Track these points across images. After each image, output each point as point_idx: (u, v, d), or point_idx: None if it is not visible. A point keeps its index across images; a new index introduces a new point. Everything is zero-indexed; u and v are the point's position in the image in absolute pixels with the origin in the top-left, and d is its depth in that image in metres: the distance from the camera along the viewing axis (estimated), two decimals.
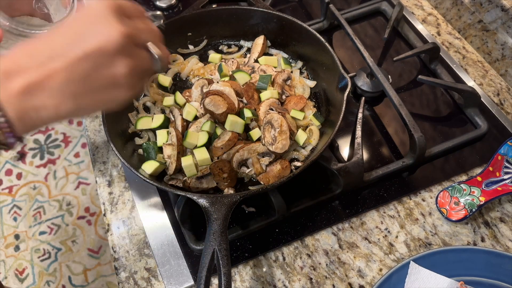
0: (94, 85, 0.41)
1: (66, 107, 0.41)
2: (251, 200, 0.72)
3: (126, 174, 0.77)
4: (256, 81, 0.77)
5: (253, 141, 0.71)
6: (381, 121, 0.82)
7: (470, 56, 0.91)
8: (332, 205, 0.72)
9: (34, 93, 0.39)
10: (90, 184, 2.00)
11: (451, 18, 0.96)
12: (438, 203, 0.71)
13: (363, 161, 0.69)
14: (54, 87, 0.40)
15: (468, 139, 0.77)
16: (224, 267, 0.54)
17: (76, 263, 1.80)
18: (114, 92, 0.43)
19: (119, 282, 0.68)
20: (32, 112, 0.39)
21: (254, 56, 0.82)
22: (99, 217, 1.91)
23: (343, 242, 0.69)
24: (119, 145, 0.68)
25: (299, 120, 0.73)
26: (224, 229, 0.57)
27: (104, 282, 1.76)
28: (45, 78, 0.39)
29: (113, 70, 0.41)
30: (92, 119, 0.86)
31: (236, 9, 0.82)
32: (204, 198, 0.59)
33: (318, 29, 0.93)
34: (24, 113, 0.39)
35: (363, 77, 0.83)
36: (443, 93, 0.85)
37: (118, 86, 0.43)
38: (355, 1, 1.02)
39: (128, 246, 0.71)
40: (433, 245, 0.68)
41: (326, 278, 0.66)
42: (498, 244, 0.68)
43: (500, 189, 0.69)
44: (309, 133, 0.72)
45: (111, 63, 0.41)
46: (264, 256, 0.69)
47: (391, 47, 0.93)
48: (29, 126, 0.40)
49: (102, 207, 0.75)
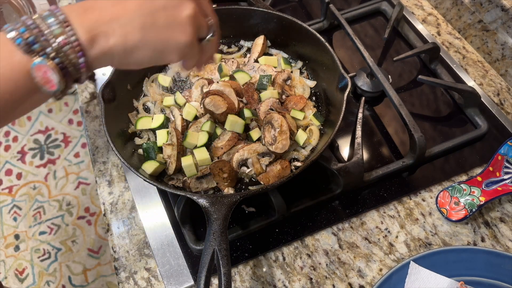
0: (161, 20, 0.45)
1: (133, 37, 0.44)
2: (251, 200, 0.72)
3: (126, 174, 0.77)
4: (256, 81, 0.77)
5: (253, 141, 0.71)
6: (381, 121, 0.82)
7: (470, 56, 0.91)
8: (332, 205, 0.72)
9: (106, 22, 0.43)
10: (90, 184, 2.00)
11: (451, 18, 0.96)
12: (438, 203, 0.71)
13: (363, 161, 0.69)
14: (125, 19, 0.44)
15: (468, 139, 0.77)
16: (224, 267, 0.54)
17: (76, 263, 1.80)
18: (175, 33, 0.47)
19: (119, 282, 0.68)
20: (101, 37, 0.43)
21: (254, 56, 0.82)
22: (99, 217, 1.91)
23: (343, 242, 0.69)
24: (119, 145, 0.68)
25: (299, 120, 0.73)
26: (224, 229, 0.57)
27: (104, 282, 1.76)
28: (118, 11, 0.44)
29: (179, 11, 0.46)
30: (92, 119, 0.86)
31: (236, 9, 0.82)
32: (204, 198, 0.59)
33: (318, 29, 0.93)
34: (94, 35, 0.42)
35: (363, 77, 0.83)
36: (443, 93, 0.85)
37: (181, 27, 0.47)
38: (355, 1, 1.02)
39: (128, 246, 0.71)
40: (433, 245, 0.68)
41: (326, 278, 0.66)
42: (498, 244, 0.68)
43: (500, 189, 0.69)
44: (309, 133, 0.72)
45: (180, 4, 0.46)
46: (264, 256, 0.69)
47: (391, 47, 0.93)
48: (98, 50, 0.43)
49: (102, 207, 0.75)
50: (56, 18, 0.41)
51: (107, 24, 0.43)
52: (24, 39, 0.40)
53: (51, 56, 0.41)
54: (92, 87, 0.91)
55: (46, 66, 0.41)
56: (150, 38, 0.45)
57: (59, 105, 2.25)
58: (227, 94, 0.71)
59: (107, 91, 0.70)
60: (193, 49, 0.50)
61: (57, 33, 0.41)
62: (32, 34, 0.40)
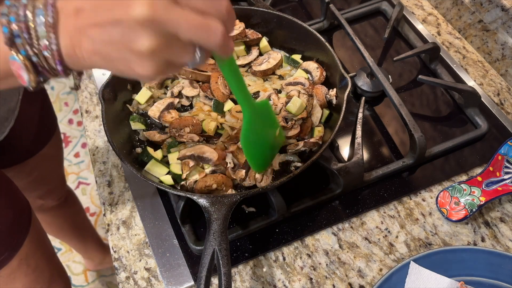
0: (113, 53, 0.40)
1: (96, 58, 0.40)
2: (251, 200, 0.72)
3: (126, 174, 0.77)
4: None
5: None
6: (381, 121, 0.82)
7: (470, 56, 0.91)
8: (332, 205, 0.72)
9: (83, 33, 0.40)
10: (90, 184, 2.00)
11: (451, 18, 0.96)
12: (438, 203, 0.71)
13: (363, 161, 0.69)
14: (93, 36, 0.39)
15: (468, 139, 0.77)
16: (224, 267, 0.54)
17: (76, 263, 1.80)
18: (136, 64, 0.40)
19: (119, 282, 0.68)
20: (78, 48, 0.40)
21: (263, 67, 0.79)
22: (99, 217, 1.91)
23: (343, 242, 0.69)
24: (119, 145, 0.68)
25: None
26: (224, 229, 0.57)
27: (104, 282, 1.76)
28: (92, 25, 0.39)
29: (135, 45, 0.38)
30: (92, 119, 0.86)
31: (236, 8, 0.81)
32: (204, 198, 0.59)
33: (318, 29, 0.93)
34: (74, 45, 0.40)
35: (363, 77, 0.83)
36: (443, 93, 0.85)
37: (137, 61, 0.40)
38: (355, 1, 1.02)
39: (128, 246, 0.71)
40: (433, 245, 0.68)
41: (326, 278, 0.66)
42: (498, 244, 0.68)
43: (500, 189, 0.69)
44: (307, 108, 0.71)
45: (134, 36, 0.38)
46: (264, 256, 0.69)
47: (391, 47, 0.93)
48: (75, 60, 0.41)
49: (102, 207, 0.75)
50: (45, 18, 0.40)
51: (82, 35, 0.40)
52: (10, 29, 0.40)
53: (29, 54, 0.41)
54: (92, 87, 0.91)
55: (19, 64, 0.41)
56: (113, 65, 0.41)
57: (59, 105, 2.25)
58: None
59: (107, 91, 0.70)
60: (163, 75, 0.43)
61: (41, 35, 0.40)
62: (19, 27, 0.40)
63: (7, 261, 0.85)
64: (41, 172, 1.13)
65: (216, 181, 0.65)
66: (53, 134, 1.12)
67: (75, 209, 1.43)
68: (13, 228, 0.87)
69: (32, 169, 1.07)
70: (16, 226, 0.88)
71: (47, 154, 1.09)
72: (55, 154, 1.18)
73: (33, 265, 0.93)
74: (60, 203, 1.31)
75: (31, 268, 0.93)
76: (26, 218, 0.92)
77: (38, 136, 1.04)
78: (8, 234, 0.85)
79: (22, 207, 0.92)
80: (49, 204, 1.28)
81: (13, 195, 0.90)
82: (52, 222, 1.35)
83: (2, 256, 0.84)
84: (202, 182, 0.65)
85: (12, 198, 0.89)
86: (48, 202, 1.27)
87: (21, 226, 0.90)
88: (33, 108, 0.97)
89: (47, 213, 1.31)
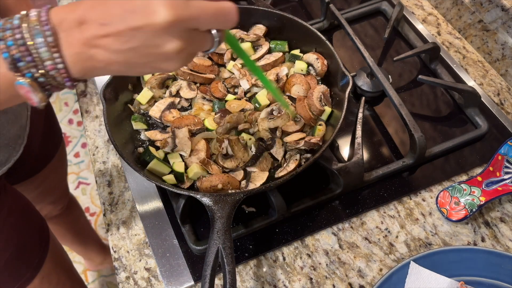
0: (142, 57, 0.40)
1: (117, 68, 0.41)
2: (251, 200, 0.72)
3: (126, 174, 0.77)
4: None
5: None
6: (381, 121, 0.82)
7: (470, 56, 0.91)
8: (332, 205, 0.72)
9: (94, 45, 0.39)
10: (90, 184, 2.00)
11: (451, 18, 0.96)
12: (439, 203, 0.71)
13: (363, 161, 0.69)
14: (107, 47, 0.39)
15: (468, 139, 0.77)
16: (229, 265, 0.54)
17: (76, 263, 1.80)
18: (162, 64, 0.41)
19: (119, 282, 0.68)
20: (88, 61, 0.40)
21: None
22: (99, 217, 1.91)
23: (343, 242, 0.69)
24: (121, 145, 0.68)
25: None
26: (228, 227, 0.57)
27: (104, 282, 1.76)
28: (103, 36, 0.39)
29: (161, 49, 0.39)
30: (92, 119, 0.86)
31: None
32: (207, 196, 0.59)
33: (318, 29, 0.92)
34: (82, 59, 0.40)
35: (363, 77, 0.83)
36: (443, 93, 0.85)
37: (165, 61, 0.41)
38: (355, 1, 1.02)
39: (128, 246, 0.71)
40: (434, 245, 0.68)
41: (326, 278, 0.66)
42: (498, 244, 0.68)
43: (500, 189, 0.69)
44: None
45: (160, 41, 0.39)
46: (265, 256, 0.69)
47: (391, 47, 0.93)
48: (84, 72, 0.41)
49: (102, 207, 0.75)
50: (45, 39, 0.39)
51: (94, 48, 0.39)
52: (10, 54, 0.39)
53: (36, 76, 0.40)
54: (92, 87, 0.91)
55: (27, 88, 0.40)
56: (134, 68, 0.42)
57: (59, 105, 2.25)
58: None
59: (109, 91, 0.70)
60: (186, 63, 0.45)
61: (44, 57, 0.39)
62: (19, 51, 0.39)
63: (30, 281, 0.84)
64: (49, 184, 1.11)
65: (221, 181, 0.65)
66: (59, 145, 1.10)
67: (76, 214, 1.42)
68: (34, 247, 0.85)
69: (41, 182, 1.06)
70: (37, 245, 0.86)
71: (54, 165, 1.08)
72: (61, 164, 1.16)
73: (55, 281, 0.92)
74: (62, 212, 1.30)
75: (53, 285, 0.91)
76: (45, 235, 0.90)
77: (45, 148, 1.01)
78: (30, 253, 0.84)
79: (41, 225, 0.90)
80: (53, 214, 1.27)
81: (31, 213, 0.88)
82: (55, 230, 1.34)
83: (25, 277, 0.82)
84: (208, 182, 0.65)
85: (30, 216, 0.87)
86: (52, 211, 1.25)
87: (41, 245, 0.88)
88: (39, 121, 0.95)
89: (50, 221, 1.30)
